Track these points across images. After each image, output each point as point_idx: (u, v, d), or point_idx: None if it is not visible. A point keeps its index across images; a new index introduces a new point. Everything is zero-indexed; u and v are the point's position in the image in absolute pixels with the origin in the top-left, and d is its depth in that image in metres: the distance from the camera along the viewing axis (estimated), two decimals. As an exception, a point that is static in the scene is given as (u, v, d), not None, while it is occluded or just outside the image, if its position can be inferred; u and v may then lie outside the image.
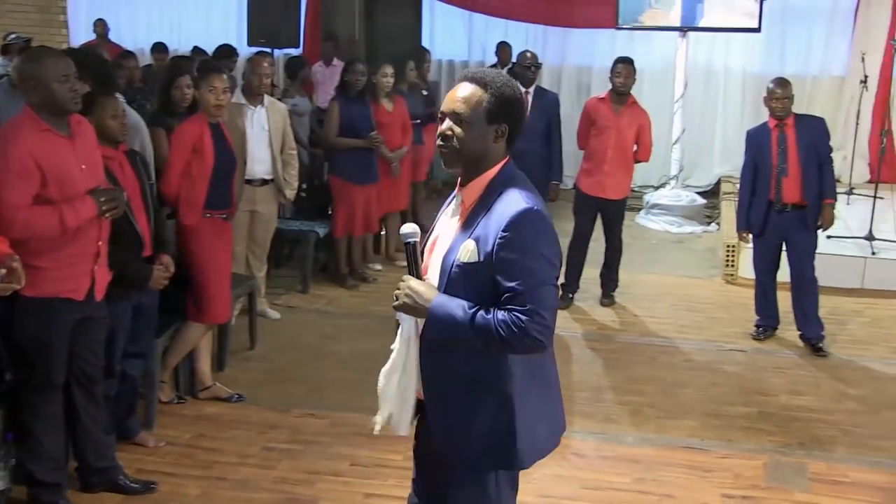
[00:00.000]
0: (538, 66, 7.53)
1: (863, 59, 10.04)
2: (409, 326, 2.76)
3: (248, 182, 6.28)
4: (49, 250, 3.77)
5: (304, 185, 7.50)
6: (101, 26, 11.81)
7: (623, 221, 7.42)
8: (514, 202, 2.56)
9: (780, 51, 11.35)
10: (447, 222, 2.78)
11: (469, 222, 2.63)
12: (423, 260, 2.78)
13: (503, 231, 2.52)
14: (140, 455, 4.69)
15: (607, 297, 7.39)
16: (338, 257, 7.67)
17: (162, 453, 4.76)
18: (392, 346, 2.83)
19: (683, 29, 10.17)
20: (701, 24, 10.09)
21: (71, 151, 3.81)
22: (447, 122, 2.65)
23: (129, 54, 8.82)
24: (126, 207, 4.15)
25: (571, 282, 7.25)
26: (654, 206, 10.24)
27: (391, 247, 8.37)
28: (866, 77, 9.85)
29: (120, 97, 4.72)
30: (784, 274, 6.58)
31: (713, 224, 10.04)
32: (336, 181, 7.51)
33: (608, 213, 7.26)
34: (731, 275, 8.07)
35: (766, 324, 6.72)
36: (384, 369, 2.85)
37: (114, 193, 3.95)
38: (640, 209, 10.34)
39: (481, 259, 2.56)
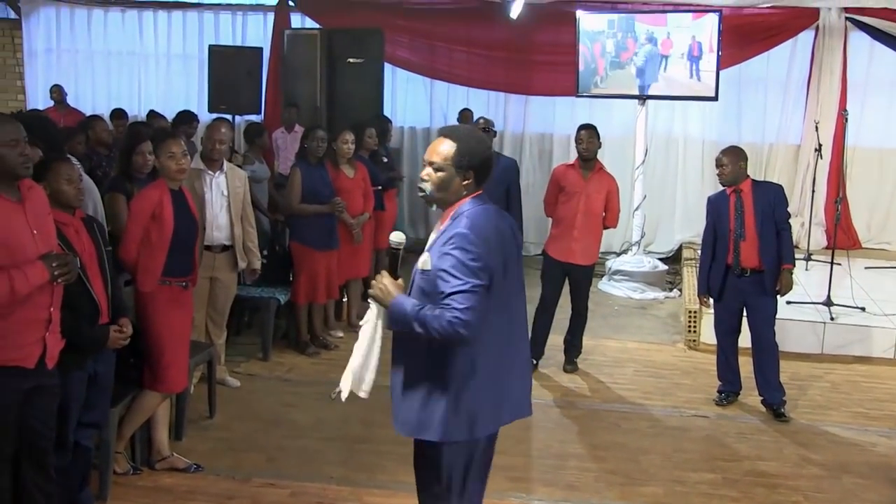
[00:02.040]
0: (493, 132, 7.62)
1: (816, 128, 10.29)
2: (378, 311, 3.47)
3: (208, 248, 6.23)
4: (-4, 316, 3.68)
5: (265, 252, 7.45)
6: (57, 92, 11.82)
7: (590, 287, 7.44)
8: (459, 224, 3.32)
9: (736, 119, 11.55)
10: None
11: (436, 241, 3.37)
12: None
13: (443, 246, 3.30)
14: (92, 529, 4.57)
15: (571, 364, 7.36)
16: (299, 324, 7.61)
17: (115, 527, 4.64)
18: (361, 323, 3.58)
19: (642, 97, 10.35)
20: (659, 93, 10.28)
21: (21, 216, 3.75)
22: (427, 169, 3.40)
23: (97, 118, 8.81)
24: (81, 273, 4.09)
25: (536, 348, 7.18)
26: (617, 272, 10.30)
27: (353, 313, 8.31)
28: (820, 146, 10.07)
29: (76, 162, 4.67)
30: (746, 339, 6.62)
31: (675, 290, 10.10)
32: (297, 247, 7.48)
33: (576, 279, 7.27)
34: (694, 340, 8.10)
35: (729, 389, 6.74)
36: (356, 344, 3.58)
37: (66, 258, 3.88)
38: (602, 275, 10.39)
39: (431, 269, 3.32)
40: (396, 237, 3.39)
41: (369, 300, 3.46)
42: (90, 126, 8.34)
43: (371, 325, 3.51)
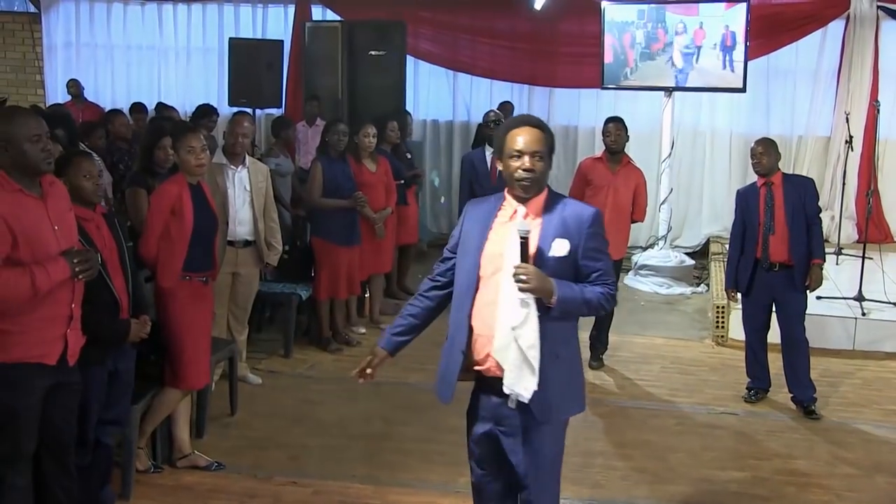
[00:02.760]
0: (500, 123, 7.59)
1: (847, 120, 10.16)
2: (530, 303, 3.34)
3: (230, 244, 6.24)
4: (18, 313, 3.70)
5: (287, 247, 7.46)
6: (74, 86, 11.89)
7: (617, 282, 7.41)
8: (581, 207, 3.52)
9: (765, 111, 11.44)
10: (505, 229, 3.45)
11: (546, 227, 3.43)
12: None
13: (588, 228, 3.42)
14: (114, 527, 4.59)
15: (597, 360, 7.33)
16: (321, 320, 7.61)
17: (137, 525, 4.67)
18: (513, 325, 3.35)
19: (668, 89, 10.27)
20: (690, 85, 10.20)
21: (43, 212, 3.77)
22: (528, 159, 3.41)
23: (117, 112, 8.88)
24: (102, 269, 4.11)
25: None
26: (643, 266, 10.24)
27: (375, 309, 8.32)
28: (851, 137, 9.95)
29: (96, 158, 4.69)
30: (775, 335, 6.57)
31: (702, 285, 10.04)
32: (319, 243, 7.48)
33: None
34: (722, 336, 8.04)
35: (758, 386, 6.69)
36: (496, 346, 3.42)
37: (87, 254, 3.89)
38: (628, 270, 10.34)
39: (569, 252, 3.40)
40: (523, 226, 3.35)
41: (520, 295, 3.32)
42: (110, 121, 8.39)
43: (533, 320, 3.35)
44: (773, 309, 6.53)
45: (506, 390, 3.40)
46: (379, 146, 8.00)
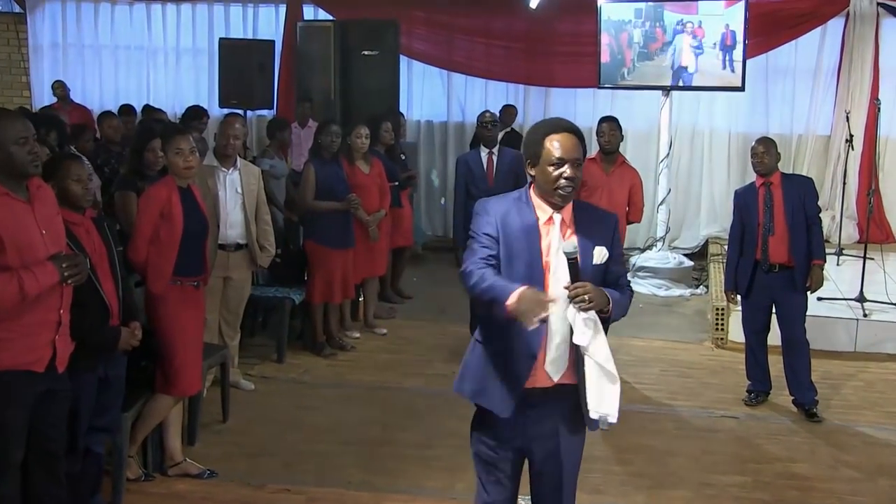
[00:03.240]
0: (496, 124, 7.63)
1: (847, 119, 10.20)
2: (595, 319, 3.31)
3: (222, 247, 6.24)
4: (5, 319, 3.68)
5: (279, 250, 7.46)
6: (60, 88, 11.82)
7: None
8: (601, 212, 3.60)
9: (764, 110, 11.48)
10: (547, 237, 3.40)
11: (583, 235, 3.41)
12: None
13: (615, 232, 3.50)
14: (105, 536, 4.59)
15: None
16: (314, 325, 7.61)
17: (128, 534, 4.66)
18: (581, 342, 3.29)
19: (665, 88, 10.29)
20: (683, 81, 10.22)
21: (31, 216, 3.76)
22: (570, 167, 3.34)
23: (108, 114, 8.87)
24: (92, 274, 4.10)
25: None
26: (641, 268, 10.25)
27: (369, 313, 8.32)
28: (851, 136, 9.97)
29: (86, 161, 4.68)
30: (775, 337, 6.59)
31: (701, 287, 10.05)
32: (312, 246, 7.48)
33: None
34: (721, 339, 8.06)
35: (758, 389, 6.70)
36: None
37: (76, 259, 3.88)
38: (626, 272, 10.33)
39: (606, 258, 3.42)
40: (568, 247, 3.32)
41: (583, 315, 3.27)
42: (100, 123, 8.38)
43: (601, 334, 3.34)
44: (774, 310, 6.54)
45: (593, 415, 3.35)
46: (372, 147, 8.00)
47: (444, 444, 5.64)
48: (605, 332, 3.38)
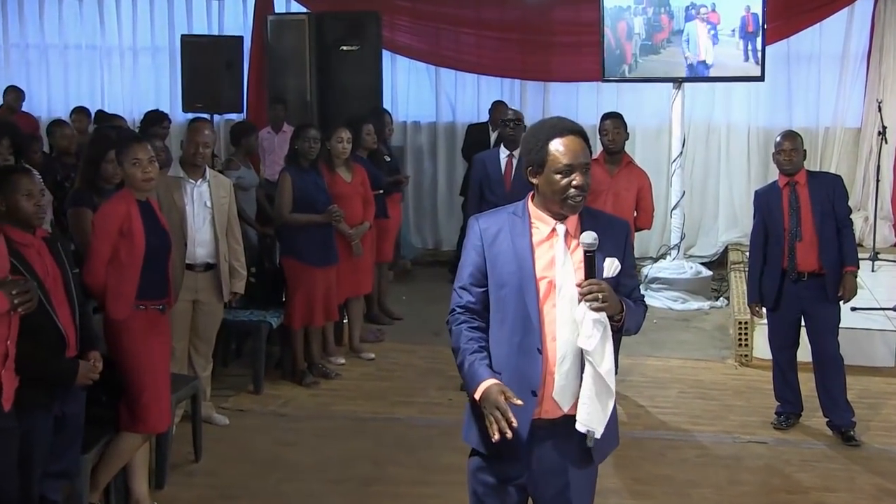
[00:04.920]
0: (519, 123, 7.57)
1: (879, 109, 10.23)
2: (604, 322, 3.28)
3: (189, 267, 6.23)
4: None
5: (254, 269, 7.45)
6: (12, 94, 11.50)
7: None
8: (611, 219, 3.60)
9: (786, 101, 11.52)
10: (549, 252, 3.40)
11: (594, 242, 3.32)
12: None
13: (627, 240, 3.51)
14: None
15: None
16: (294, 351, 7.60)
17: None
18: (584, 346, 3.27)
19: (677, 80, 10.28)
20: (697, 75, 10.22)
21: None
22: (579, 175, 3.34)
23: (60, 123, 8.86)
24: (45, 300, 4.09)
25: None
26: (654, 280, 10.26)
27: (355, 336, 8.31)
28: (884, 128, 10.01)
29: (37, 175, 4.66)
30: (805, 353, 6.59)
31: (721, 299, 10.07)
32: (290, 263, 7.48)
33: None
34: (746, 356, 8.07)
35: (788, 410, 6.71)
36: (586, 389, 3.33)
37: (26, 285, 3.87)
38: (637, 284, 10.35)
39: (619, 270, 3.40)
40: (590, 237, 3.29)
41: (593, 316, 3.25)
42: (51, 132, 8.38)
43: (609, 341, 3.30)
44: (803, 324, 6.55)
45: (581, 428, 3.32)
46: (354, 153, 8.00)
47: (441, 479, 5.63)
48: (617, 348, 3.37)
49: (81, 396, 4.58)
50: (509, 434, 3.12)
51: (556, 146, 3.35)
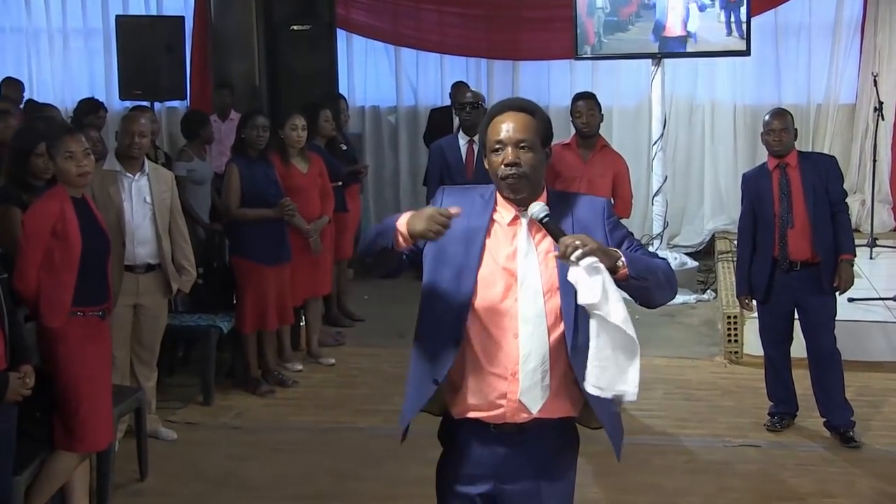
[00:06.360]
0: (483, 108, 7.58)
1: (875, 83, 10.28)
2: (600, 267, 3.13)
3: (129, 269, 6.21)
4: None
5: (201, 270, 7.42)
6: (11, 86, 11.31)
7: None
8: (588, 199, 3.51)
9: (774, 77, 11.59)
10: (511, 243, 3.34)
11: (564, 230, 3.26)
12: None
13: (606, 218, 3.43)
14: None
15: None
16: (247, 358, 7.58)
17: None
18: (585, 302, 3.17)
19: (656, 56, 10.28)
20: (678, 50, 10.24)
21: None
22: (511, 150, 3.28)
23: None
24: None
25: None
26: (636, 272, 10.29)
27: (313, 341, 8.30)
28: (881, 104, 10.07)
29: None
30: (800, 348, 6.64)
31: (709, 291, 10.12)
32: (240, 263, 7.46)
33: None
34: (735, 352, 8.11)
35: (782, 411, 6.74)
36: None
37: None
38: (617, 277, 10.39)
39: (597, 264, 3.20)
40: (536, 206, 3.23)
41: (585, 262, 3.10)
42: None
43: (613, 287, 3.19)
44: (797, 317, 6.59)
45: (595, 391, 3.34)
46: (310, 141, 7.97)
47: (409, 493, 5.63)
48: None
49: (12, 412, 4.55)
50: (455, 212, 3.17)
51: (494, 124, 3.34)
